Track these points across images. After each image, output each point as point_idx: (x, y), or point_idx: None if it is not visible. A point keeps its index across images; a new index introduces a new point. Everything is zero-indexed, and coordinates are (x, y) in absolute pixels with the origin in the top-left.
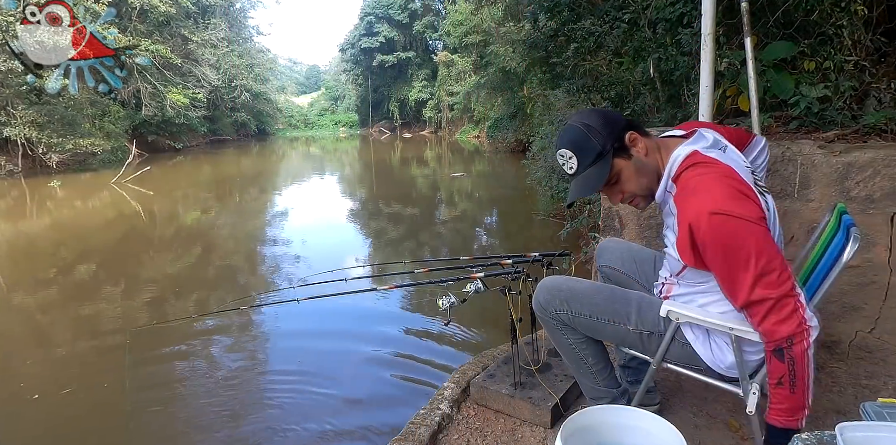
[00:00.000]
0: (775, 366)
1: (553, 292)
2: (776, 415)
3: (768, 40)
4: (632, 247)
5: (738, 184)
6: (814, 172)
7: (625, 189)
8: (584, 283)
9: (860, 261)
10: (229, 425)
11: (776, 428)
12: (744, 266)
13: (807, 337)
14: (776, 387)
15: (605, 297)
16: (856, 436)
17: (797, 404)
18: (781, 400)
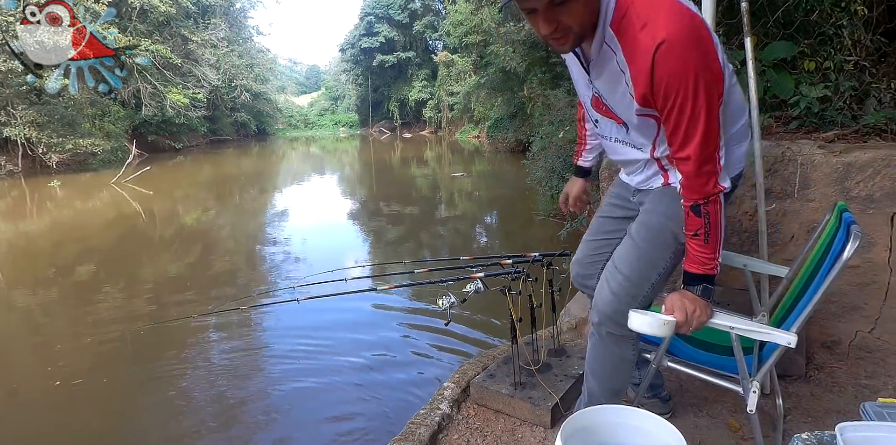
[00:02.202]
0: (692, 220)
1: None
2: (692, 262)
3: (768, 40)
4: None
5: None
6: (814, 172)
7: (563, 19)
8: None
9: (860, 261)
10: (229, 424)
11: (692, 274)
12: (694, 116)
13: (720, 197)
14: (692, 238)
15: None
16: (856, 436)
17: (709, 254)
18: (696, 250)
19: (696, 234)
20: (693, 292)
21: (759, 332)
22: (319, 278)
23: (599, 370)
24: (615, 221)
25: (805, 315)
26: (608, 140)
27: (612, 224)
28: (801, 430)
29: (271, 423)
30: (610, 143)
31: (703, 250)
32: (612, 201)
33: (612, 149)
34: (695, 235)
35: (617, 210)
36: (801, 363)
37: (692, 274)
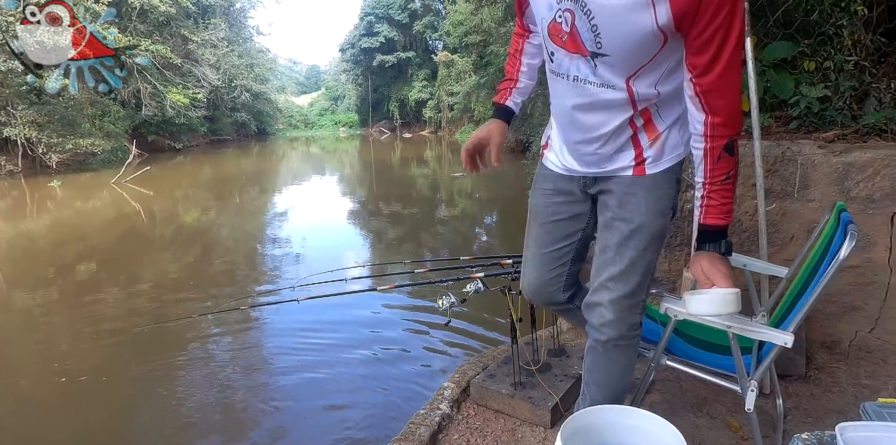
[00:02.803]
0: (726, 162)
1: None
2: (716, 215)
3: (768, 40)
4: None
5: None
6: (814, 172)
7: None
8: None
9: (860, 261)
10: (229, 424)
11: (715, 228)
12: (734, 39)
13: None
14: (724, 183)
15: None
16: (856, 436)
17: (733, 198)
18: (724, 197)
19: (728, 177)
20: (717, 249)
21: (757, 331)
22: (319, 278)
23: (605, 380)
24: (566, 223)
25: (802, 315)
26: (563, 79)
27: (564, 228)
28: (801, 430)
29: (271, 419)
30: (564, 84)
31: (729, 195)
32: (553, 200)
33: (569, 95)
34: (725, 179)
35: (564, 209)
36: (801, 364)
37: (715, 228)
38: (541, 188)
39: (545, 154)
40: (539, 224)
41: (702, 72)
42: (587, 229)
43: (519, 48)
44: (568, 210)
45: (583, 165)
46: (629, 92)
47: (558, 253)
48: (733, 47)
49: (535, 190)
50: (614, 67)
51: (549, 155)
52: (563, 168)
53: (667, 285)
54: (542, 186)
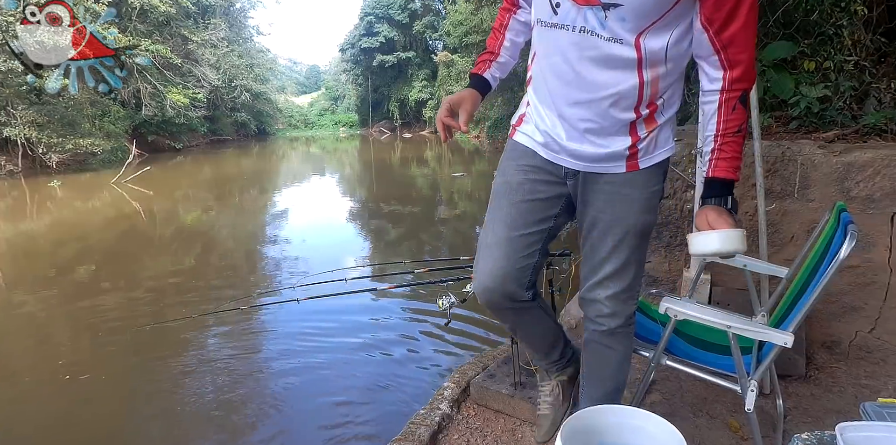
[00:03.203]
0: (740, 113)
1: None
2: (726, 169)
3: (768, 40)
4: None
5: None
6: (814, 172)
7: None
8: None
9: (860, 261)
10: (228, 423)
11: (723, 182)
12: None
13: None
14: (735, 135)
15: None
16: (856, 436)
17: (741, 155)
18: (738, 151)
19: (739, 130)
20: (723, 204)
21: (757, 331)
22: (319, 277)
23: (604, 372)
24: (544, 204)
25: (802, 315)
26: (567, 31)
27: (542, 209)
28: (801, 430)
29: (270, 419)
30: (567, 37)
31: (739, 149)
32: (531, 177)
33: (573, 48)
34: (737, 131)
35: (542, 188)
36: (802, 364)
37: (724, 181)
38: (515, 163)
39: (518, 130)
40: (512, 203)
41: (721, 25)
42: (559, 218)
43: (504, 23)
44: (547, 190)
45: (567, 153)
46: (637, 49)
47: (529, 239)
48: (751, 1)
49: (508, 166)
50: (625, 20)
51: (525, 130)
52: (545, 145)
53: (667, 285)
54: (517, 161)
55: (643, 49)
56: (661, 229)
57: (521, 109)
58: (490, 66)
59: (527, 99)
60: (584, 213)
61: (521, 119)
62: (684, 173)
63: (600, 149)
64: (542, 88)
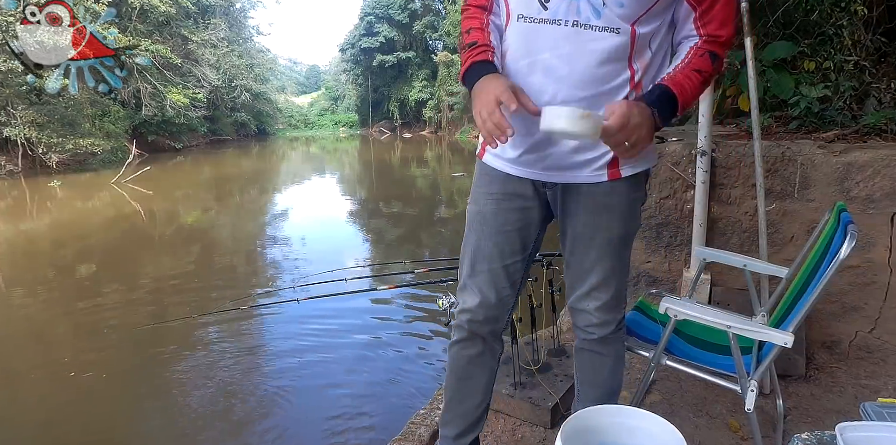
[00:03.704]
0: (706, 61)
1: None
2: (678, 87)
3: (768, 40)
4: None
5: None
6: (814, 172)
7: None
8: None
9: (860, 261)
10: (228, 424)
11: (669, 96)
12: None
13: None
14: (694, 72)
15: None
16: (856, 436)
17: (695, 94)
18: (693, 86)
19: (701, 71)
20: (653, 111)
21: (757, 331)
22: (319, 278)
23: (598, 377)
24: (521, 232)
25: (802, 315)
26: (559, 26)
27: (518, 238)
28: (801, 430)
29: (270, 419)
30: (555, 32)
31: (695, 86)
32: (505, 206)
33: (563, 43)
34: (699, 71)
35: (516, 216)
36: (802, 364)
37: (669, 95)
38: (486, 191)
39: (486, 151)
40: (488, 235)
41: (708, 6)
42: (538, 239)
43: (486, 21)
44: (522, 218)
45: (545, 164)
46: (633, 38)
47: (510, 269)
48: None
49: (479, 193)
50: (623, 6)
51: (492, 150)
52: (514, 163)
53: (667, 285)
54: (488, 188)
55: (637, 37)
56: (661, 230)
57: None
58: (492, 56)
59: None
60: (564, 223)
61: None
62: (684, 173)
63: (582, 155)
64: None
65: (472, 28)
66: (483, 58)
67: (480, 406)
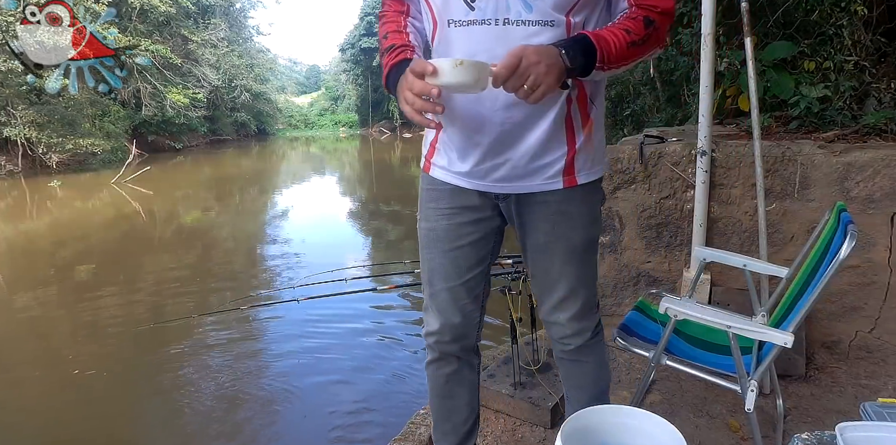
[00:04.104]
0: (639, 28)
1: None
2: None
3: (768, 40)
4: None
5: None
6: (814, 172)
7: None
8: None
9: (860, 261)
10: (228, 423)
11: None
12: None
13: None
14: (624, 32)
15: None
16: (856, 436)
17: (619, 56)
18: (620, 42)
19: (629, 31)
20: (560, 51)
21: (757, 331)
22: (319, 278)
23: (583, 381)
24: (475, 245)
25: (802, 315)
26: (487, 26)
27: (474, 252)
28: (801, 430)
29: (270, 419)
30: (484, 33)
31: (621, 44)
32: (457, 221)
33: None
34: (627, 30)
35: (468, 230)
36: (802, 364)
37: (584, 42)
38: (436, 206)
39: (432, 164)
40: (442, 252)
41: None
42: (496, 249)
43: (403, 24)
44: (474, 231)
45: (498, 175)
46: (568, 29)
47: (469, 284)
48: None
49: (429, 210)
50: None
51: (439, 162)
52: (465, 176)
53: (667, 285)
54: (437, 203)
55: (572, 27)
56: (661, 229)
57: (429, 133)
58: (412, 54)
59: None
60: (523, 235)
61: (433, 148)
62: (684, 173)
63: (535, 162)
64: (459, 97)
65: (389, 32)
66: (402, 58)
67: (467, 422)
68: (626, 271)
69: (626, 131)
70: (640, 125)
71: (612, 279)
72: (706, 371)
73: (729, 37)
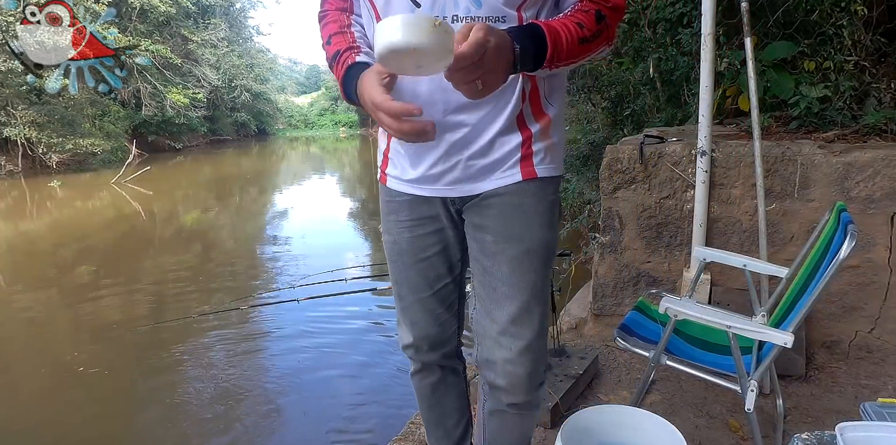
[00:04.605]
0: (591, 22)
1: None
2: (554, 32)
3: (768, 40)
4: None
5: None
6: (814, 172)
7: None
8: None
9: (860, 261)
10: (228, 423)
11: (540, 36)
12: None
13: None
14: (576, 26)
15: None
16: (856, 436)
17: (568, 53)
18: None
19: (582, 25)
20: (514, 44)
21: (757, 331)
22: (319, 278)
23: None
24: (441, 256)
25: (802, 315)
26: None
27: (441, 262)
28: (801, 430)
29: (270, 419)
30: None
31: (572, 39)
32: (418, 233)
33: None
34: (580, 24)
35: (431, 241)
36: (801, 364)
37: (537, 33)
38: (396, 218)
39: (388, 175)
40: (408, 265)
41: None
42: (465, 258)
43: (347, 22)
44: (438, 240)
45: (451, 177)
46: (519, 24)
47: (440, 294)
48: None
49: (389, 222)
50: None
51: (393, 172)
52: (418, 183)
53: (667, 285)
54: (397, 215)
55: (525, 22)
56: (661, 230)
57: (381, 143)
58: (359, 54)
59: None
60: (470, 241)
61: (386, 157)
62: (684, 173)
63: (489, 157)
64: (409, 96)
65: (332, 34)
66: (350, 62)
67: (459, 425)
68: (626, 271)
69: (626, 131)
70: (640, 125)
71: (612, 279)
72: (706, 371)
73: (729, 37)
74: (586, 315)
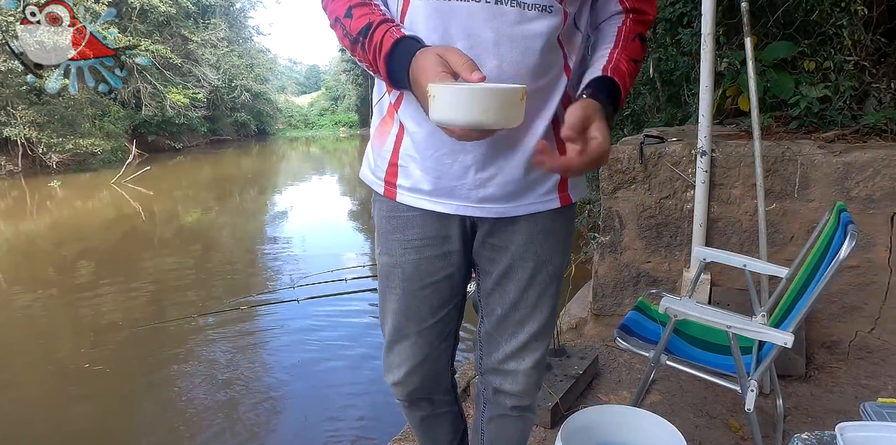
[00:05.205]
0: (637, 47)
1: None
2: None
3: (768, 40)
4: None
5: None
6: (814, 172)
7: None
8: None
9: (860, 261)
10: (228, 423)
11: (616, 87)
12: None
13: None
14: (631, 62)
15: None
16: (856, 436)
17: (628, 87)
18: (630, 76)
19: (637, 61)
20: (607, 111)
21: (757, 331)
22: (319, 278)
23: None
24: (447, 281)
25: (801, 315)
26: (476, 2)
27: (446, 288)
28: (801, 430)
29: (270, 419)
30: (475, 11)
31: (633, 75)
32: (426, 255)
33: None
34: (636, 61)
35: (439, 264)
36: (801, 364)
37: (614, 85)
38: (401, 237)
39: (398, 187)
40: (409, 291)
41: None
42: (466, 280)
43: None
44: (447, 265)
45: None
46: (564, 19)
47: (440, 325)
48: None
49: (392, 241)
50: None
51: (402, 182)
52: (434, 197)
53: (667, 285)
54: (402, 234)
55: (567, 17)
56: (661, 230)
57: (377, 145)
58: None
59: (393, 129)
60: (489, 261)
61: (394, 165)
62: (684, 173)
63: (530, 173)
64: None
65: (353, 6)
66: (397, 36)
67: (454, 441)
68: (626, 271)
69: (626, 131)
70: (640, 125)
71: (612, 279)
72: (706, 371)
73: (729, 37)
74: (586, 315)
